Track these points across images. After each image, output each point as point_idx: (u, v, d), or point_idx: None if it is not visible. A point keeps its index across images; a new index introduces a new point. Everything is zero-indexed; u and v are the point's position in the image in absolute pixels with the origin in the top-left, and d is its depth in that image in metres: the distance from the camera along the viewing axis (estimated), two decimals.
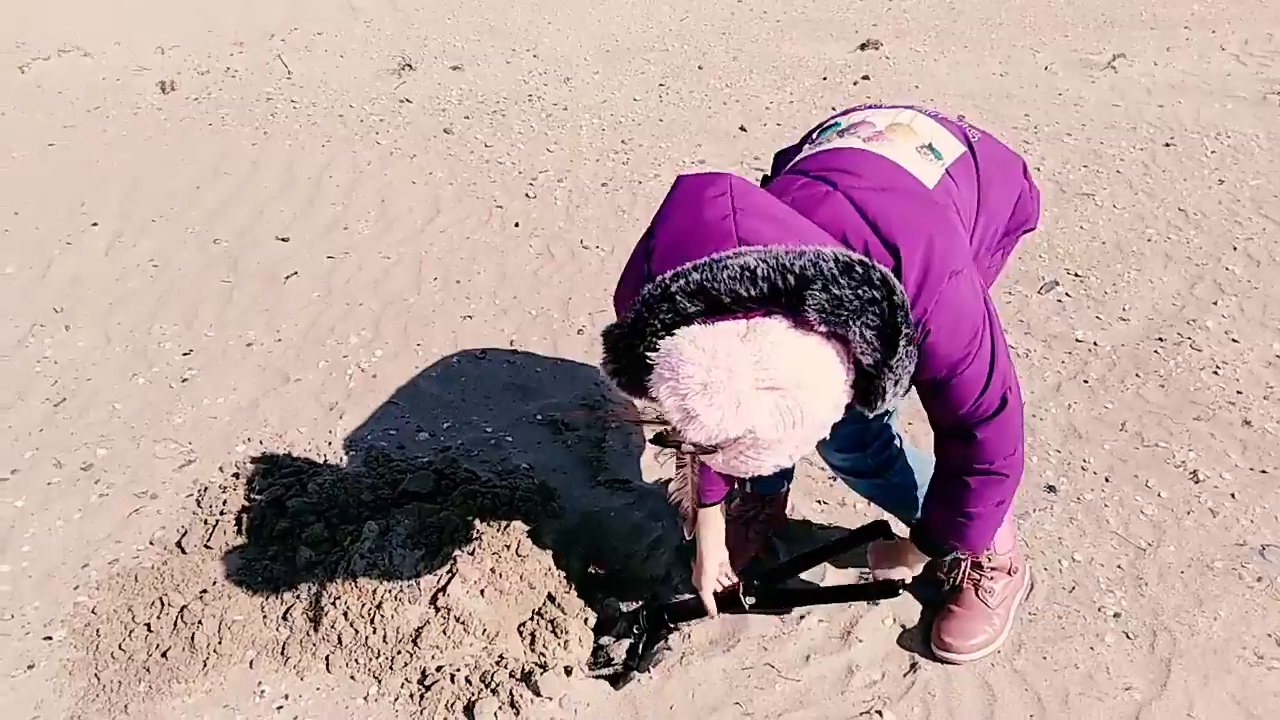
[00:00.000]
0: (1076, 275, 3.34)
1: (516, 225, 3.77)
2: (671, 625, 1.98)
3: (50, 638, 2.01)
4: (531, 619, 2.04)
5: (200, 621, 2.00)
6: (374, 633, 1.99)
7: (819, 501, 2.35)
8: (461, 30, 6.51)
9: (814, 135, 1.69)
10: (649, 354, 1.21)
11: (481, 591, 2.08)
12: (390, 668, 1.94)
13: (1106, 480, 2.40)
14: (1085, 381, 2.78)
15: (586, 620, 2.04)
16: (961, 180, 1.56)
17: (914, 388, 1.55)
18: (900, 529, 1.97)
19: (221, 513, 2.29)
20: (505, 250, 3.59)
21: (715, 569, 1.90)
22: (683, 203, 1.35)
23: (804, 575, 2.06)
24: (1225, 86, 5.10)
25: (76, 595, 2.11)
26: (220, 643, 1.98)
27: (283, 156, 4.43)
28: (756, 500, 2.20)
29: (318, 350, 3.00)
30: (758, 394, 1.15)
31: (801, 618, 2.01)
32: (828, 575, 2.12)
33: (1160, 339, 2.96)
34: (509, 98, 5.16)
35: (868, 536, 1.93)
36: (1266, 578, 2.10)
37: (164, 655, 1.96)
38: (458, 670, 1.91)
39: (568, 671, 1.88)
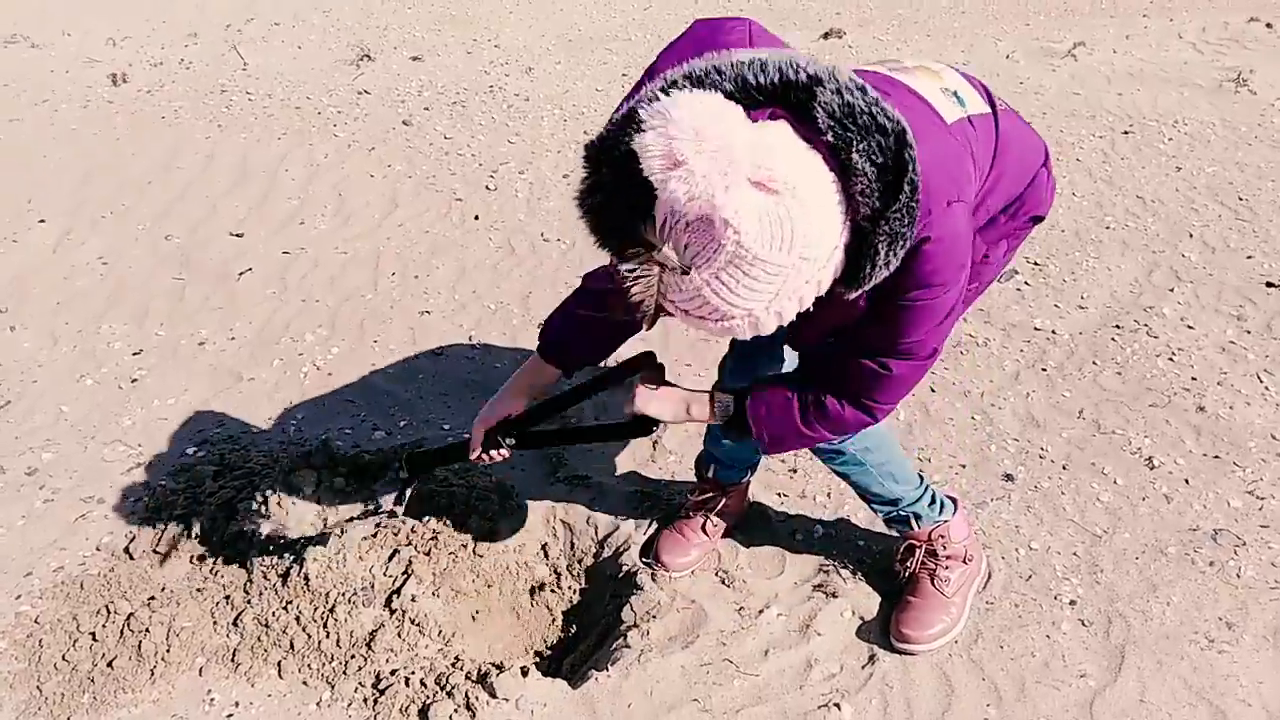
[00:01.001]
0: (1036, 264, 3.35)
1: (476, 218, 3.73)
2: (433, 468, 1.90)
3: None
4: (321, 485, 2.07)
5: (148, 629, 1.95)
6: (327, 637, 1.95)
7: (779, 494, 2.34)
8: (421, 20, 6.43)
9: None
10: (637, 122, 1.07)
11: (437, 593, 2.06)
12: (344, 672, 1.91)
13: (1064, 468, 2.41)
14: (1044, 370, 2.79)
15: (352, 473, 2.04)
16: (981, 134, 1.49)
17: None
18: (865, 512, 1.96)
19: (171, 517, 2.24)
20: (465, 244, 3.55)
21: (503, 412, 1.77)
22: (694, 33, 1.27)
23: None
24: (1182, 74, 5.16)
25: (19, 605, 2.05)
26: (168, 650, 1.93)
27: (237, 150, 4.35)
28: (717, 489, 2.17)
29: (272, 348, 2.95)
30: (751, 187, 1.07)
31: (761, 612, 2.01)
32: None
33: (1118, 326, 2.99)
34: (469, 89, 5.10)
35: (633, 370, 1.76)
36: (1218, 562, 2.12)
37: (110, 665, 1.91)
38: (413, 673, 1.88)
39: (524, 672, 1.86)
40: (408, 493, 1.95)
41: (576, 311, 1.72)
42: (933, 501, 1.96)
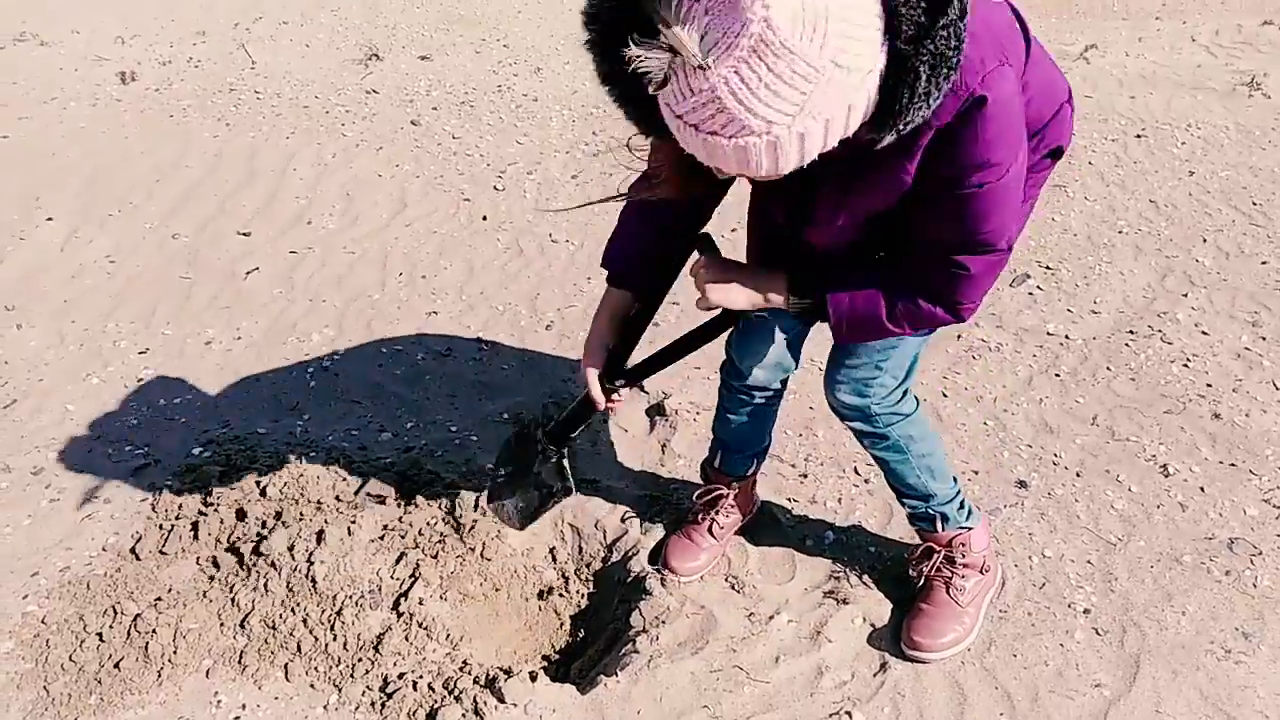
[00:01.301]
0: (1048, 268, 3.33)
1: (484, 219, 3.71)
2: (571, 434, 1.92)
3: None
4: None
5: (154, 630, 1.94)
6: (334, 640, 1.94)
7: (789, 499, 2.32)
8: (430, 19, 6.41)
9: None
10: None
11: (444, 596, 2.04)
12: (351, 675, 1.90)
13: (1077, 475, 2.39)
14: (1057, 375, 2.77)
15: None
16: (1016, 38, 1.41)
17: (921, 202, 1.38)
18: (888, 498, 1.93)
19: (177, 518, 2.23)
20: (473, 244, 3.53)
21: (603, 352, 1.73)
22: None
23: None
24: (1196, 78, 5.12)
25: (25, 605, 2.04)
26: (175, 652, 1.92)
27: (245, 149, 4.34)
28: (723, 483, 2.12)
29: (278, 348, 2.93)
30: None
31: (771, 618, 1.99)
32: None
33: (1131, 332, 2.96)
34: (478, 88, 5.08)
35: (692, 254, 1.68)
36: (1234, 571, 2.10)
37: (116, 666, 1.90)
38: (420, 677, 1.87)
39: (532, 677, 1.85)
40: (566, 464, 1.94)
41: (630, 227, 1.68)
42: (961, 506, 1.94)
